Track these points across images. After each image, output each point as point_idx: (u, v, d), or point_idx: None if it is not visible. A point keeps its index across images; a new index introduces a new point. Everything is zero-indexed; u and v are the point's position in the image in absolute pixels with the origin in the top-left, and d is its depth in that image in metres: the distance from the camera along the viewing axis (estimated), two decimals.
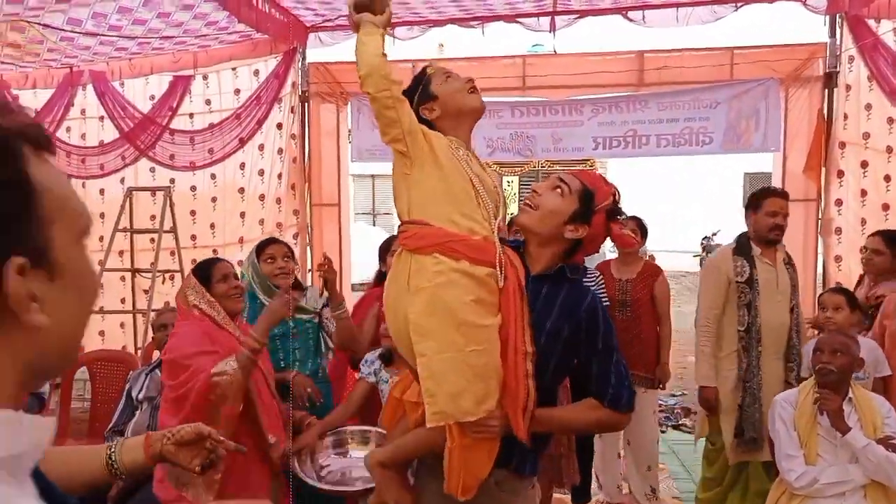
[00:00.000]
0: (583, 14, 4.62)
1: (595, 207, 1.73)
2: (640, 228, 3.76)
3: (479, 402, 1.59)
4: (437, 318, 1.58)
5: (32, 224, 0.58)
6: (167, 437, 1.35)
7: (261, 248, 2.84)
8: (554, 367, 1.72)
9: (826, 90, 4.47)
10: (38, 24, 3.94)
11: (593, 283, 3.48)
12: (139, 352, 4.72)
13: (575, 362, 1.76)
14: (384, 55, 1.61)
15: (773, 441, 2.59)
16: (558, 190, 1.73)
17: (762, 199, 3.21)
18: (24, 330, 0.57)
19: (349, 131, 5.25)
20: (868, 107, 4.32)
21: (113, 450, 1.27)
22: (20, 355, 0.59)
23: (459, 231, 1.63)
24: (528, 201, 1.76)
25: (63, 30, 4.09)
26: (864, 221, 4.38)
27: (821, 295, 3.39)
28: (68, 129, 5.47)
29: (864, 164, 4.37)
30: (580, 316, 1.70)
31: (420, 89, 1.74)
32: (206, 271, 2.39)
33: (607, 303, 3.48)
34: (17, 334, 0.57)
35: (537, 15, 4.63)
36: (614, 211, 1.78)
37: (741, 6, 4.40)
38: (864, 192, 4.38)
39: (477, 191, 1.67)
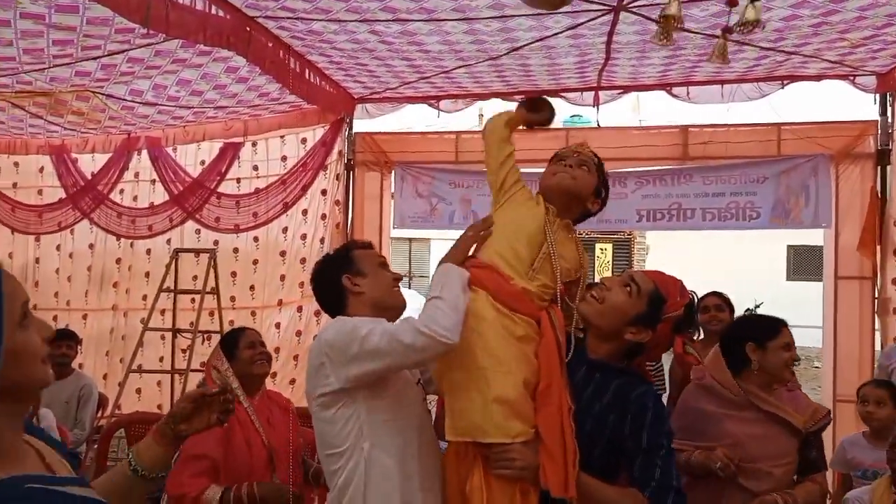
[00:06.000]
0: (627, 89, 4.66)
1: (663, 315, 1.67)
2: (728, 305, 3.31)
3: (498, 426, 1.54)
4: (465, 334, 1.57)
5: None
6: (172, 420, 1.38)
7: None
8: (599, 455, 1.63)
9: (878, 167, 4.38)
10: (103, 94, 4.13)
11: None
12: None
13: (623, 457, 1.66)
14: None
15: None
16: (627, 288, 1.69)
17: None
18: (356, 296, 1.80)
19: (392, 195, 5.31)
20: None
21: (132, 461, 1.30)
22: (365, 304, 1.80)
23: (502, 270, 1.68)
24: (594, 292, 1.73)
25: (125, 99, 4.28)
26: None
27: (861, 387, 3.01)
28: (121, 191, 5.67)
29: None
30: (628, 405, 1.62)
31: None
32: (232, 340, 2.62)
33: None
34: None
35: (581, 90, 4.68)
36: (683, 323, 1.71)
37: (787, 83, 4.39)
38: None
39: (549, 253, 1.69)
